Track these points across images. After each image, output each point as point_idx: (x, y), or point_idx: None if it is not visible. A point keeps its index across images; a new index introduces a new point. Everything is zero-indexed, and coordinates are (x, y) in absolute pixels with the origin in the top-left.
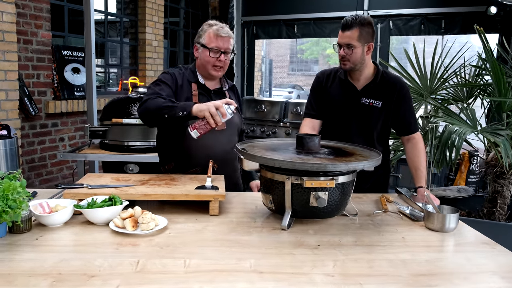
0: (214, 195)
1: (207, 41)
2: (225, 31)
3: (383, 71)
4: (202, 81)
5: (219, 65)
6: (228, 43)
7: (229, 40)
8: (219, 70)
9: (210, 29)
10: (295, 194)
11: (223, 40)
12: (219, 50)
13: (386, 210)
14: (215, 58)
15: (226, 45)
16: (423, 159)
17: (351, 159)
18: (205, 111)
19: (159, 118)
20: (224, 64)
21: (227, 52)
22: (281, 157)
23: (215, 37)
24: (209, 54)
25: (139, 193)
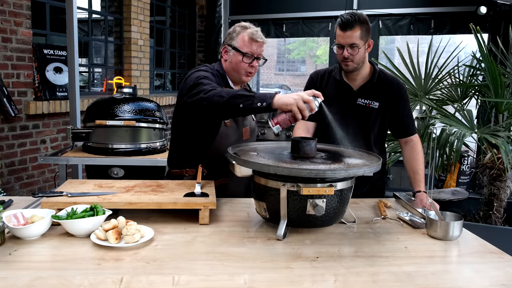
0: (204, 203)
1: (240, 44)
2: (260, 35)
3: (379, 71)
4: (232, 86)
5: (251, 71)
6: (262, 48)
7: (263, 45)
8: (250, 75)
9: (245, 32)
10: (291, 202)
11: (257, 45)
12: (253, 55)
13: (385, 216)
14: (247, 64)
15: (260, 50)
16: (421, 162)
17: (350, 164)
18: (293, 105)
19: (230, 108)
20: (255, 70)
21: (259, 58)
22: (276, 162)
23: (250, 42)
24: (242, 59)
25: (123, 202)
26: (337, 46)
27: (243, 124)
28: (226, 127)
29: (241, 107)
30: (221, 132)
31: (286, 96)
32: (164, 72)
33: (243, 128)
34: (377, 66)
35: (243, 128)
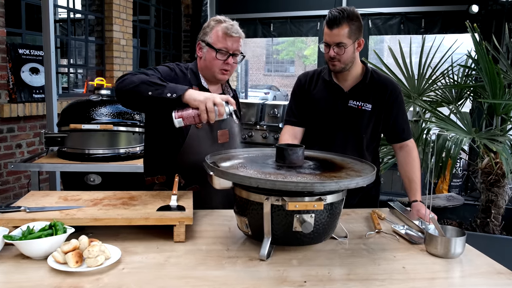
0: (179, 219)
1: (214, 40)
2: (236, 29)
3: (372, 70)
4: (206, 85)
5: (226, 68)
6: (238, 44)
7: (239, 40)
8: (226, 73)
9: (219, 26)
10: (275, 218)
11: (232, 41)
12: (228, 51)
13: (380, 230)
14: (222, 61)
15: (235, 46)
16: (417, 169)
17: (341, 175)
18: (201, 103)
19: (140, 96)
20: (232, 67)
21: (236, 54)
22: (258, 173)
23: (224, 37)
24: (215, 56)
25: (88, 218)
26: (324, 45)
27: (219, 127)
28: (196, 129)
29: (150, 95)
30: (191, 135)
31: (198, 93)
32: None
33: (218, 131)
34: (368, 65)
35: (218, 131)
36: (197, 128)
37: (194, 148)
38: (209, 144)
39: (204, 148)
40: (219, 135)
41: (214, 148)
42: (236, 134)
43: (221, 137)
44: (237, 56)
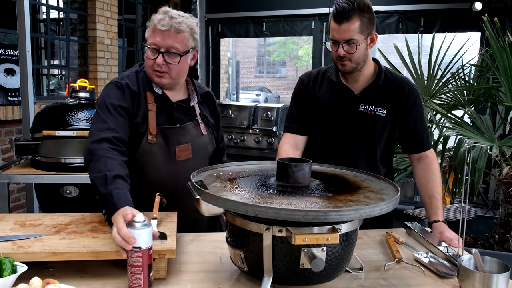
0: (159, 251)
1: (147, 35)
2: (167, 22)
3: (386, 70)
4: (159, 90)
5: (157, 69)
6: (172, 39)
7: (175, 35)
8: (161, 76)
9: (154, 19)
10: (278, 252)
11: (162, 35)
12: (157, 49)
13: (400, 259)
14: (152, 60)
15: (166, 42)
16: (438, 184)
17: (358, 198)
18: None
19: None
20: (169, 69)
21: (171, 53)
22: (256, 196)
23: (153, 30)
24: (147, 54)
25: (47, 251)
26: (331, 42)
27: (177, 141)
28: (149, 144)
29: (97, 198)
30: (143, 150)
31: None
32: None
33: (176, 146)
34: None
35: (176, 146)
36: (149, 143)
37: (145, 166)
38: (163, 163)
39: (157, 168)
40: (178, 151)
41: (171, 167)
42: (204, 148)
43: (180, 153)
44: (175, 56)
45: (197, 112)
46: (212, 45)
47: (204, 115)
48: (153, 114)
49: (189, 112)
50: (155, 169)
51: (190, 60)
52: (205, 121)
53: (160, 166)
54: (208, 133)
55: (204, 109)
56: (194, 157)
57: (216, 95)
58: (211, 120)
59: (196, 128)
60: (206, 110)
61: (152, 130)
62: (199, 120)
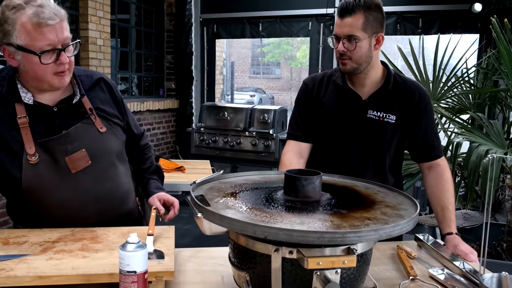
0: (156, 273)
1: (25, 39)
2: (50, 14)
3: (395, 74)
4: (30, 99)
5: (61, 69)
6: (64, 30)
7: (62, 23)
8: (64, 75)
9: (22, 16)
10: (288, 275)
11: (54, 31)
12: (54, 48)
13: (415, 277)
14: (51, 64)
15: (62, 36)
16: (451, 194)
17: (375, 215)
18: None
19: None
20: (70, 63)
21: (68, 45)
22: (264, 214)
23: (37, 30)
24: (40, 61)
25: (31, 274)
26: (333, 38)
27: (63, 151)
28: (31, 166)
29: None
30: (27, 175)
31: None
32: (130, 75)
33: (65, 158)
34: (390, 67)
35: (65, 158)
36: (31, 164)
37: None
38: (58, 182)
39: (54, 190)
40: (69, 162)
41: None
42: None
43: (74, 164)
44: (71, 47)
45: (87, 108)
46: (207, 46)
47: (99, 108)
48: (27, 130)
49: (77, 110)
50: (51, 193)
51: None
52: (101, 115)
53: (56, 187)
54: (109, 128)
55: (99, 100)
56: (96, 162)
57: (211, 97)
58: (110, 111)
59: (89, 127)
60: (101, 101)
61: (29, 149)
62: (92, 117)
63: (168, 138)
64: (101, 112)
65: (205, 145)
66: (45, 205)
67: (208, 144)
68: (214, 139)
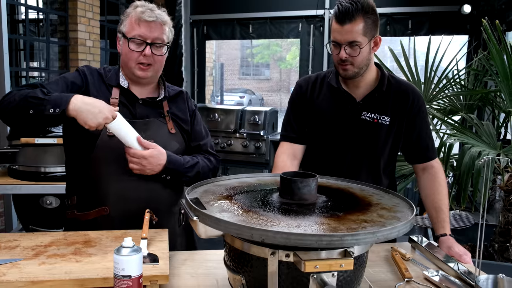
0: (150, 277)
1: (128, 28)
2: (152, 14)
3: (389, 75)
4: (126, 84)
5: (145, 61)
6: (159, 31)
7: (160, 26)
8: (147, 69)
9: (133, 12)
10: (284, 278)
11: (149, 27)
12: (143, 40)
13: (410, 279)
14: (138, 52)
15: (154, 34)
16: (445, 195)
17: (372, 217)
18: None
19: (23, 116)
20: (155, 60)
21: (157, 44)
22: (260, 217)
23: (137, 23)
24: (129, 47)
25: (24, 279)
26: (332, 44)
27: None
28: (108, 137)
29: (31, 114)
30: (101, 143)
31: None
32: None
33: None
34: (384, 69)
35: None
36: (108, 135)
37: (104, 161)
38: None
39: (118, 162)
40: None
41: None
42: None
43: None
44: (161, 47)
45: (165, 110)
46: (197, 47)
47: (174, 113)
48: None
49: (156, 109)
50: (116, 163)
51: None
52: (174, 119)
53: (120, 163)
54: (178, 132)
55: (176, 108)
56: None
57: (201, 98)
58: (183, 117)
59: (162, 125)
60: (177, 109)
61: None
62: (166, 118)
63: None
64: (175, 117)
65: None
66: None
67: None
68: None
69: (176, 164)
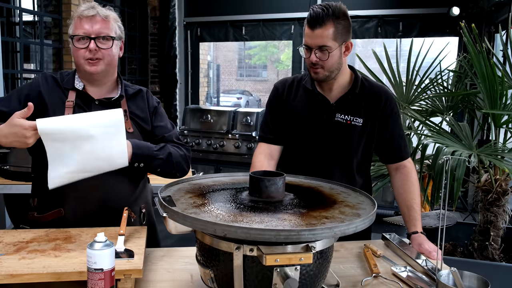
0: (124, 271)
1: (73, 29)
2: (93, 10)
3: (362, 78)
4: (81, 86)
5: (91, 56)
6: (101, 24)
7: (103, 21)
8: (95, 63)
9: (76, 13)
10: (249, 272)
11: (90, 22)
12: (87, 35)
13: (378, 274)
14: (84, 49)
15: (96, 28)
16: (417, 194)
17: (333, 214)
18: None
19: None
20: (103, 55)
21: (101, 38)
22: (226, 214)
23: (80, 21)
24: (75, 45)
25: (3, 273)
26: (304, 48)
27: None
28: None
29: None
30: None
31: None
32: None
33: None
34: (358, 72)
35: None
36: None
37: None
38: None
39: None
40: None
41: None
42: None
43: None
44: (109, 41)
45: (122, 108)
46: (191, 49)
47: (133, 112)
48: (70, 111)
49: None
50: None
51: (119, 50)
52: (133, 118)
53: None
54: (136, 130)
55: (135, 107)
56: None
57: (195, 100)
58: (142, 116)
59: None
60: (136, 107)
61: None
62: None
63: None
64: (134, 116)
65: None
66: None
67: (192, 146)
68: (198, 141)
69: (143, 148)
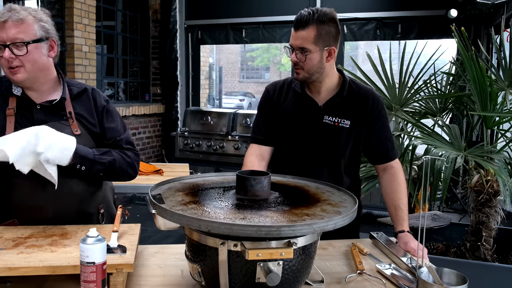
0: (116, 265)
1: None
2: (4, 15)
3: (350, 81)
4: (19, 92)
5: (10, 65)
6: (14, 29)
7: (16, 25)
8: (16, 71)
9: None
10: (234, 266)
11: (4, 28)
12: (2, 43)
13: (362, 271)
14: (3, 58)
15: (9, 34)
16: (404, 195)
17: (315, 212)
18: None
19: None
20: (22, 62)
21: (18, 44)
22: (212, 211)
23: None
24: None
25: (1, 266)
26: (289, 48)
27: None
28: None
29: None
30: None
31: None
32: (116, 81)
33: None
34: (346, 76)
35: None
36: None
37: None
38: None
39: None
40: None
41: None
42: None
43: None
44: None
45: (67, 111)
46: (192, 52)
47: (79, 113)
48: (12, 119)
49: (58, 112)
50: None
51: (48, 51)
52: (79, 120)
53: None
54: (84, 132)
55: (81, 107)
56: None
57: (195, 102)
58: (88, 116)
59: (64, 128)
60: (82, 108)
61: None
62: (69, 120)
63: (154, 142)
64: (80, 117)
65: (189, 149)
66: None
67: (192, 148)
68: (198, 143)
69: (85, 151)
